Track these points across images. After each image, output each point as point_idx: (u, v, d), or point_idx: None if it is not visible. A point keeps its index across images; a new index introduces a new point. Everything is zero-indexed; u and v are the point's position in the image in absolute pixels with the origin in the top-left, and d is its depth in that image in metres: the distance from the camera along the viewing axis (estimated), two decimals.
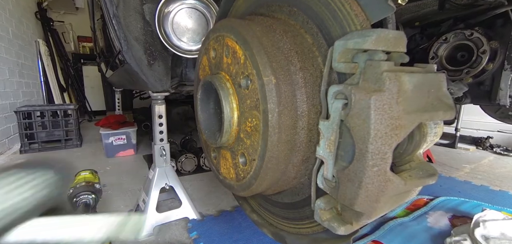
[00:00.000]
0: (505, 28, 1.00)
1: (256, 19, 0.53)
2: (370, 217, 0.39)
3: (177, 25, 1.03)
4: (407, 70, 0.37)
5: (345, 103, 0.36)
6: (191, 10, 1.04)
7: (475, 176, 1.68)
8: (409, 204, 1.19)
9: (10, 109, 2.32)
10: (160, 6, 0.97)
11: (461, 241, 0.82)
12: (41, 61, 3.24)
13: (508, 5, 0.92)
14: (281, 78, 0.44)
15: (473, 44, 1.04)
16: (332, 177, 0.39)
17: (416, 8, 1.02)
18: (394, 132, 0.33)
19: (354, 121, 0.34)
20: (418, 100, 0.36)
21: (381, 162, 0.34)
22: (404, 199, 0.42)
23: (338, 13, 0.42)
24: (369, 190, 0.35)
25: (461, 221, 1.04)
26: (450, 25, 1.12)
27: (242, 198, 0.76)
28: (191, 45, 1.06)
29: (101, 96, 4.11)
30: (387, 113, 0.33)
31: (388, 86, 0.33)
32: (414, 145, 0.43)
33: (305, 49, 0.47)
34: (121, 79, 1.80)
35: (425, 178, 0.41)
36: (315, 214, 0.44)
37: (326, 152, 0.39)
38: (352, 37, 0.37)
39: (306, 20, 0.48)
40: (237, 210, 1.16)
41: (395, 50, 0.37)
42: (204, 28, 1.06)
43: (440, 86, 0.40)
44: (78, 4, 4.43)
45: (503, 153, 2.23)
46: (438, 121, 0.44)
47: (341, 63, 0.38)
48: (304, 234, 0.57)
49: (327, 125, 0.38)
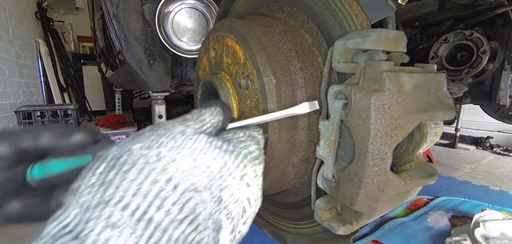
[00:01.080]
0: (505, 28, 1.00)
1: (256, 19, 0.53)
2: (370, 217, 0.39)
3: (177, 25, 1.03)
4: (407, 70, 0.37)
5: (345, 103, 0.36)
6: (191, 10, 1.04)
7: (475, 176, 1.68)
8: (409, 204, 1.19)
9: (10, 109, 2.32)
10: (160, 6, 0.97)
11: (461, 241, 0.82)
12: (41, 61, 3.24)
13: (508, 5, 0.92)
14: (281, 78, 0.44)
15: (473, 44, 1.04)
16: (332, 177, 0.39)
17: (416, 8, 1.02)
18: (394, 132, 0.33)
19: (354, 121, 0.34)
20: (418, 100, 0.36)
21: (381, 162, 0.34)
22: (404, 199, 0.42)
23: (338, 13, 0.42)
24: (369, 190, 0.35)
25: (461, 221, 1.04)
26: (450, 25, 1.12)
27: None
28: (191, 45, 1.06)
29: (101, 96, 4.11)
30: (387, 113, 0.33)
31: (388, 86, 0.33)
32: (414, 145, 0.43)
33: (305, 49, 0.47)
34: (121, 79, 1.80)
35: (425, 178, 0.41)
36: (315, 214, 0.44)
37: (326, 152, 0.39)
38: (352, 37, 0.37)
39: (306, 20, 0.48)
40: None
41: (395, 50, 0.37)
42: (204, 28, 1.06)
43: (440, 86, 0.40)
44: (78, 4, 4.43)
45: (503, 153, 2.23)
46: (438, 121, 0.44)
47: (341, 63, 0.38)
48: (304, 234, 0.57)
49: (327, 125, 0.38)
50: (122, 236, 0.17)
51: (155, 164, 0.20)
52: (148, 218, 0.18)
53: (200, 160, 0.22)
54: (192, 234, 0.20)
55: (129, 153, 0.21)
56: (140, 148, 0.21)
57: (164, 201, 0.19)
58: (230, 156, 0.25)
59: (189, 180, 0.21)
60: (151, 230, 0.18)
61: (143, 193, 0.19)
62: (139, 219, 0.18)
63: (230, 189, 0.24)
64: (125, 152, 0.21)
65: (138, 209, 0.18)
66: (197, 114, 0.27)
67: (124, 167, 0.20)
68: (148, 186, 0.19)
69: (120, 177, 0.19)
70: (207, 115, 0.28)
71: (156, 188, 0.19)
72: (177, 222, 0.19)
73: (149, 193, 0.19)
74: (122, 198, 0.18)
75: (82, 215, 0.18)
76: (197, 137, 0.24)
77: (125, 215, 0.18)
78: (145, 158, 0.20)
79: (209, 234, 0.21)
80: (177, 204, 0.19)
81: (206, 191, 0.21)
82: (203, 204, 0.21)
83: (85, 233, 0.17)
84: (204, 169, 0.22)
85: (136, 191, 0.19)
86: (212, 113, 0.28)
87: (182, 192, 0.20)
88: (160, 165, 0.20)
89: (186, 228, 0.19)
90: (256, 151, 0.28)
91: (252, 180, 0.26)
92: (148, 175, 0.20)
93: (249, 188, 0.26)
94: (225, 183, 0.23)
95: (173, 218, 0.19)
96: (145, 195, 0.19)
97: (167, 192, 0.19)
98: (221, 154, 0.24)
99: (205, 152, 0.23)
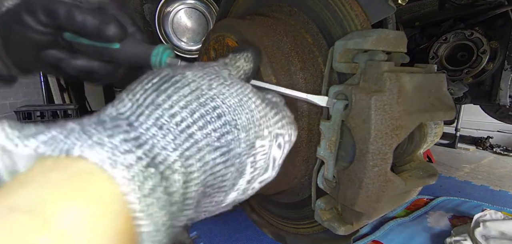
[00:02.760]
0: (505, 28, 0.99)
1: (257, 19, 0.53)
2: (370, 217, 0.39)
3: (177, 25, 1.03)
4: (408, 70, 0.37)
5: (346, 103, 0.36)
6: (191, 10, 1.04)
7: (475, 176, 1.68)
8: (409, 204, 1.19)
9: (10, 109, 2.32)
10: (160, 6, 0.97)
11: (461, 241, 0.82)
12: None
13: (508, 5, 0.92)
14: (281, 78, 0.44)
15: (473, 44, 1.04)
16: (332, 178, 0.39)
17: (416, 8, 1.02)
18: (394, 132, 0.33)
19: (355, 121, 0.34)
20: (418, 101, 0.36)
21: (382, 162, 0.34)
22: (405, 199, 0.42)
23: (339, 13, 0.42)
24: (369, 191, 0.35)
25: (461, 221, 1.04)
26: (450, 25, 1.12)
27: None
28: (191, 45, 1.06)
29: (101, 96, 4.11)
30: (387, 114, 0.33)
31: (389, 87, 0.33)
32: (414, 146, 0.43)
33: (305, 49, 0.47)
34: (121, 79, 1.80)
35: (425, 178, 0.41)
36: (315, 214, 0.44)
37: (326, 152, 0.39)
38: (352, 37, 0.37)
39: (306, 20, 0.48)
40: (237, 210, 1.16)
41: (395, 50, 0.37)
42: (204, 28, 1.06)
43: (440, 86, 0.40)
44: None
45: (503, 153, 2.23)
46: (439, 121, 0.44)
47: (342, 63, 0.38)
48: (305, 234, 0.57)
49: (328, 126, 0.38)
50: (166, 139, 0.19)
51: (206, 91, 0.22)
52: (190, 132, 0.20)
53: (245, 102, 0.24)
54: (220, 164, 0.21)
55: (182, 75, 0.22)
56: (193, 75, 0.23)
57: (207, 124, 0.21)
58: (272, 111, 0.26)
59: (232, 115, 0.22)
60: (189, 144, 0.20)
61: (191, 109, 0.20)
62: (182, 131, 0.20)
63: (264, 140, 0.25)
64: (178, 73, 0.23)
65: (183, 121, 0.20)
66: (234, 60, 0.29)
67: (177, 84, 0.22)
68: (196, 106, 0.21)
69: (172, 90, 0.21)
70: (242, 61, 0.29)
71: (203, 110, 0.21)
72: (212, 148, 0.21)
73: (196, 112, 0.21)
74: (171, 107, 0.20)
75: (136, 109, 0.20)
76: (244, 83, 0.25)
77: (172, 122, 0.20)
78: (197, 83, 0.22)
79: (233, 172, 0.23)
80: (217, 131, 0.21)
81: (243, 132, 0.23)
82: (238, 142, 0.22)
83: (137, 123, 0.19)
84: (247, 111, 0.24)
85: (185, 105, 0.20)
86: (246, 59, 0.30)
87: (223, 123, 0.22)
88: (210, 93, 0.22)
89: (218, 157, 0.21)
90: (292, 117, 0.29)
91: (284, 143, 0.27)
92: (198, 96, 0.21)
93: (279, 150, 0.27)
94: (261, 133, 0.24)
95: (210, 142, 0.21)
96: (192, 112, 0.20)
97: (211, 118, 0.21)
98: (264, 105, 0.26)
99: (251, 97, 0.24)
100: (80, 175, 0.15)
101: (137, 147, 0.18)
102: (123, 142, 0.17)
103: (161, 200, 0.17)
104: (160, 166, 0.18)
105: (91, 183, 0.15)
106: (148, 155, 0.18)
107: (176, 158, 0.19)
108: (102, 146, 0.16)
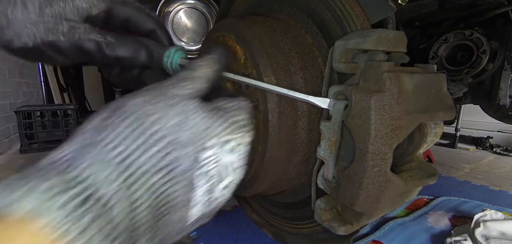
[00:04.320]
0: (505, 28, 0.99)
1: (257, 19, 0.53)
2: (370, 217, 0.39)
3: (177, 25, 1.03)
4: (408, 70, 0.37)
5: (346, 103, 0.36)
6: (191, 10, 1.04)
7: (475, 176, 1.68)
8: (409, 204, 1.19)
9: (10, 109, 2.32)
10: (160, 6, 0.97)
11: (461, 241, 0.82)
12: None
13: (508, 5, 0.92)
14: (281, 78, 0.44)
15: (473, 44, 1.03)
16: (332, 178, 0.39)
17: (416, 8, 1.01)
18: (394, 132, 0.33)
19: (355, 121, 0.34)
20: (418, 101, 0.36)
21: (382, 162, 0.34)
22: (405, 199, 0.42)
23: (339, 13, 0.42)
24: (369, 191, 0.35)
25: (461, 221, 1.04)
26: (450, 25, 1.12)
27: (242, 198, 0.77)
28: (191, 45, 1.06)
29: (101, 96, 4.11)
30: (387, 114, 0.33)
31: (389, 87, 0.33)
32: (414, 146, 0.43)
33: (305, 49, 0.47)
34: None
35: (425, 178, 0.41)
36: (315, 214, 0.44)
37: (327, 152, 0.39)
38: (352, 37, 0.37)
39: (306, 20, 0.48)
40: (237, 210, 1.16)
41: (395, 50, 0.37)
42: (204, 28, 1.06)
43: (440, 86, 0.40)
44: None
45: (503, 153, 2.23)
46: (439, 121, 0.44)
47: (342, 63, 0.38)
48: (305, 234, 0.57)
49: (329, 126, 0.38)
50: (104, 173, 0.20)
51: (146, 118, 0.23)
52: (130, 161, 0.21)
53: (187, 119, 0.25)
54: (168, 183, 0.22)
55: (124, 108, 0.24)
56: (134, 105, 0.24)
57: (148, 149, 0.22)
58: (216, 120, 0.27)
59: (174, 135, 0.23)
60: (130, 171, 0.20)
61: (131, 139, 0.21)
62: (122, 161, 0.21)
63: (210, 150, 0.25)
64: (121, 106, 0.24)
65: (123, 152, 0.21)
66: (194, 71, 0.30)
67: (118, 119, 0.23)
68: (137, 134, 0.22)
69: (111, 126, 0.22)
70: (204, 68, 0.31)
71: (143, 137, 0.22)
72: (157, 169, 0.22)
73: (136, 140, 0.22)
74: (111, 141, 0.21)
75: (73, 152, 0.21)
76: (188, 100, 0.26)
77: (111, 155, 0.21)
78: (138, 113, 0.23)
79: (181, 188, 0.23)
80: (160, 152, 0.22)
81: (187, 148, 0.24)
82: (182, 159, 0.23)
83: (76, 163, 0.20)
84: (190, 127, 0.24)
85: (126, 137, 0.21)
86: (209, 65, 0.31)
87: (165, 144, 0.22)
88: (151, 118, 0.23)
89: (164, 176, 0.22)
90: (243, 120, 0.29)
91: (236, 147, 0.28)
92: (139, 125, 0.22)
93: (232, 154, 0.27)
94: (206, 144, 0.25)
95: (153, 164, 0.21)
96: (133, 141, 0.21)
97: (153, 142, 0.22)
98: (208, 116, 0.26)
99: (194, 112, 0.25)
100: (8, 230, 0.15)
101: (74, 186, 0.18)
102: (59, 183, 0.18)
103: (104, 231, 0.18)
104: (101, 199, 0.19)
105: (20, 236, 0.15)
106: (85, 192, 0.18)
107: (117, 189, 0.20)
108: (34, 192, 0.17)
